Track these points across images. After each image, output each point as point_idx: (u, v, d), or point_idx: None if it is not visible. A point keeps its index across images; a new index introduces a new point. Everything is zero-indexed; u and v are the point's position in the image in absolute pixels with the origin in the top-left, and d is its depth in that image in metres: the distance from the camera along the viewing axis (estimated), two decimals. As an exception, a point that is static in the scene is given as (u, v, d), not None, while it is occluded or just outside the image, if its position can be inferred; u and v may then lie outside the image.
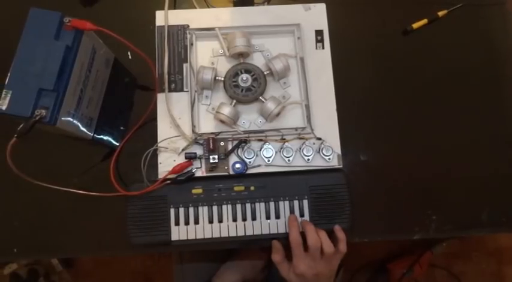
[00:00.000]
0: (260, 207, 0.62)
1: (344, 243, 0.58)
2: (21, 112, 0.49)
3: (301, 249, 0.56)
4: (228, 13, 0.68)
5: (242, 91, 0.63)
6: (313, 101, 0.65)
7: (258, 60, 0.67)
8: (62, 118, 0.53)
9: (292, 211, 0.62)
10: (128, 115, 0.67)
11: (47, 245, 0.64)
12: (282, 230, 0.62)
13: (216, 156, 0.61)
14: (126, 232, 0.60)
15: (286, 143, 0.63)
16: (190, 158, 0.61)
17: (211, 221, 0.61)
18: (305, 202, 0.62)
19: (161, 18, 0.66)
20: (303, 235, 0.58)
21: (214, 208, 0.62)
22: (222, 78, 0.64)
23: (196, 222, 0.61)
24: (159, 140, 0.62)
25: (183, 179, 0.61)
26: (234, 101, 0.63)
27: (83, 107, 0.60)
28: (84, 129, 0.62)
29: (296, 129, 0.64)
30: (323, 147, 0.63)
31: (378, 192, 0.66)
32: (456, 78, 0.72)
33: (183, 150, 0.62)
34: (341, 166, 0.63)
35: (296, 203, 0.62)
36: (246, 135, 0.63)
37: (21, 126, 0.48)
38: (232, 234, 0.61)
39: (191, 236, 0.61)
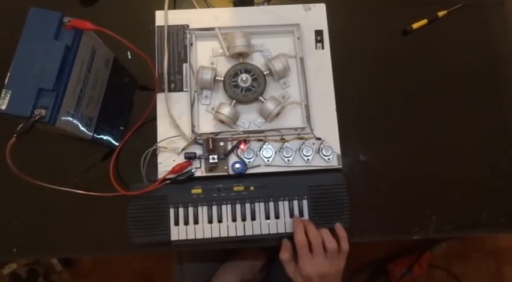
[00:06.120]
0: (259, 207, 0.62)
1: (346, 241, 0.58)
2: (21, 112, 0.49)
3: (306, 250, 0.56)
4: (227, 13, 0.68)
5: (242, 91, 0.63)
6: (312, 101, 0.65)
7: (257, 60, 0.67)
8: (62, 118, 0.53)
9: (291, 211, 0.62)
10: (127, 115, 0.67)
11: (46, 245, 0.64)
12: (281, 230, 0.62)
13: (216, 156, 0.61)
14: (126, 232, 0.60)
15: (285, 143, 0.63)
16: (190, 158, 0.61)
17: (210, 221, 0.61)
18: (304, 202, 0.62)
19: (161, 18, 0.66)
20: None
21: (214, 208, 0.62)
22: (222, 78, 0.63)
23: (196, 222, 0.61)
24: (158, 139, 0.62)
25: (182, 179, 0.61)
26: (234, 101, 0.63)
27: (83, 106, 0.60)
28: (83, 129, 0.62)
29: (296, 129, 0.64)
30: (322, 147, 0.63)
31: (378, 192, 0.66)
32: (456, 78, 0.72)
33: (182, 150, 0.62)
34: (340, 166, 0.63)
35: (296, 203, 0.62)
36: (246, 135, 0.63)
37: (20, 126, 0.48)
38: (232, 234, 0.61)
39: (190, 236, 0.61)
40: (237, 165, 0.61)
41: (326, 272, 0.56)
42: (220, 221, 0.61)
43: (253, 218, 0.62)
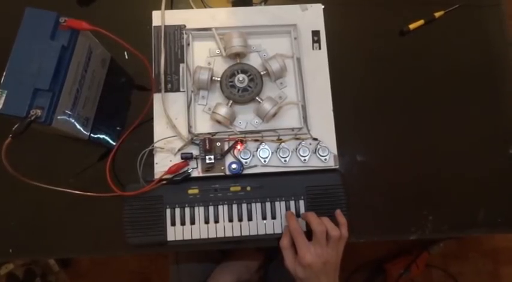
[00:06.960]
0: (256, 207, 0.62)
1: (345, 227, 0.57)
2: (17, 112, 0.48)
3: (303, 237, 0.55)
4: (224, 13, 0.68)
5: (238, 91, 0.63)
6: (309, 101, 0.65)
7: (254, 60, 0.67)
8: (58, 118, 0.53)
9: (288, 211, 0.62)
10: (124, 115, 0.67)
11: (43, 246, 0.64)
12: (278, 230, 0.62)
13: (212, 157, 0.61)
14: (123, 232, 0.60)
15: (282, 144, 0.63)
16: (187, 158, 0.61)
17: (207, 222, 0.61)
18: (301, 202, 0.62)
19: (158, 18, 0.66)
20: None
21: (211, 208, 0.62)
22: (219, 79, 0.64)
23: (192, 222, 0.61)
24: (155, 140, 0.62)
25: (179, 179, 0.61)
26: (231, 101, 0.63)
27: (79, 107, 0.60)
28: (80, 129, 0.62)
29: (292, 129, 0.64)
30: (319, 147, 0.63)
31: (374, 192, 0.66)
32: (453, 79, 0.72)
33: (179, 150, 0.62)
34: (337, 166, 0.63)
35: (292, 203, 0.62)
36: (243, 135, 0.63)
37: (16, 126, 0.48)
38: (228, 234, 0.61)
39: (187, 237, 0.61)
40: (234, 166, 0.61)
41: (327, 260, 0.54)
42: (216, 221, 0.61)
43: (249, 219, 0.62)
